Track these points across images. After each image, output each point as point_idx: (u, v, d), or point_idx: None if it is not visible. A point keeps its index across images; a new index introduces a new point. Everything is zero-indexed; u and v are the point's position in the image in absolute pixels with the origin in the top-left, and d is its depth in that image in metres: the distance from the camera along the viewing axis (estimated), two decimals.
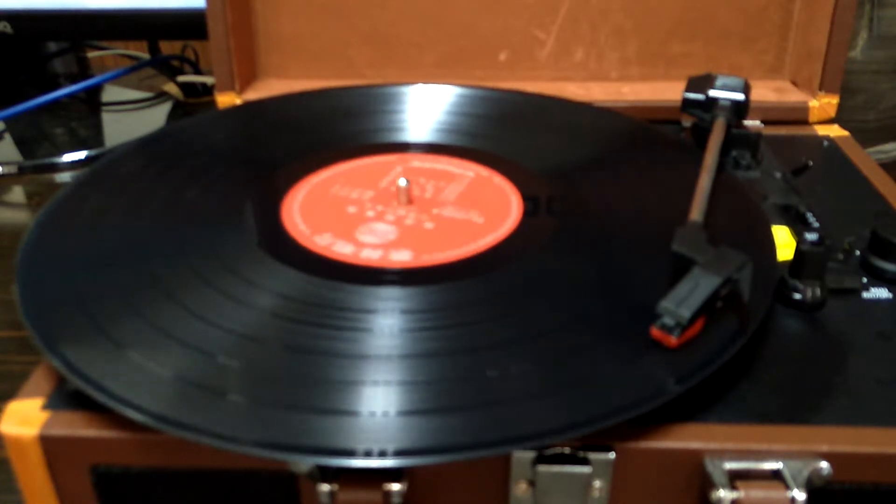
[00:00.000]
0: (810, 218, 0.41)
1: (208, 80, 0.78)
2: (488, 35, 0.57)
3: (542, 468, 0.27)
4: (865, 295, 0.35)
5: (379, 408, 0.27)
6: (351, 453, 0.25)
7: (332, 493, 0.26)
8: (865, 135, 0.67)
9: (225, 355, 0.29)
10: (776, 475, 0.27)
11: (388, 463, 0.25)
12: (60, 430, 0.28)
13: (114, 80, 0.77)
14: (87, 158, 0.67)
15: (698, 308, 0.29)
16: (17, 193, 0.64)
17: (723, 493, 0.26)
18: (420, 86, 0.51)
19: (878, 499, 0.28)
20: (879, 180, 0.45)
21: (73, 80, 0.78)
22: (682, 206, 0.36)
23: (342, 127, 0.47)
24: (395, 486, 0.26)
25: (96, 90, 0.81)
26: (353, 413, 0.27)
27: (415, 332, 0.30)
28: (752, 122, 0.50)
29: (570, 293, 0.33)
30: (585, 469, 0.27)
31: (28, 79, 0.81)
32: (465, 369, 0.28)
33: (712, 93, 0.45)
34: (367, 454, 0.25)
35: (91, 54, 0.86)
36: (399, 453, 0.25)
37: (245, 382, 0.28)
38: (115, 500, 0.29)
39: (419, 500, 0.28)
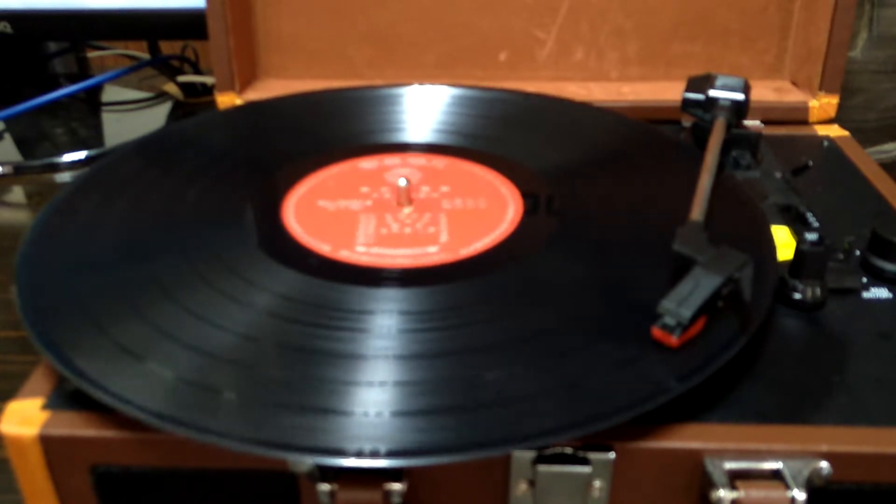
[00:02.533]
0: (810, 218, 0.41)
1: (208, 80, 0.78)
2: (488, 35, 0.57)
3: (542, 468, 0.27)
4: (865, 295, 0.35)
5: (373, 408, 0.27)
6: (343, 452, 0.25)
7: (331, 493, 0.26)
8: (865, 135, 0.67)
9: (224, 355, 0.29)
10: (776, 475, 0.27)
11: (382, 463, 0.25)
12: (60, 430, 0.28)
13: (114, 80, 0.77)
14: (87, 158, 0.67)
15: (699, 308, 0.29)
16: (17, 193, 0.64)
17: (723, 493, 0.26)
18: (420, 86, 0.51)
19: (878, 499, 0.28)
20: (879, 180, 0.45)
21: (73, 80, 0.77)
22: (682, 206, 0.36)
23: (342, 127, 0.47)
24: (395, 486, 0.26)
25: (96, 90, 0.81)
26: (348, 413, 0.26)
27: (414, 332, 0.30)
28: (752, 122, 0.50)
29: (570, 293, 0.33)
30: (585, 469, 0.27)
31: (28, 79, 0.81)
32: (465, 369, 0.28)
33: (712, 93, 0.45)
34: (359, 454, 0.25)
35: (91, 54, 0.86)
36: (393, 453, 0.25)
37: (243, 382, 0.28)
38: (115, 500, 0.29)
39: (419, 500, 0.28)
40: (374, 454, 0.25)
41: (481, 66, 0.58)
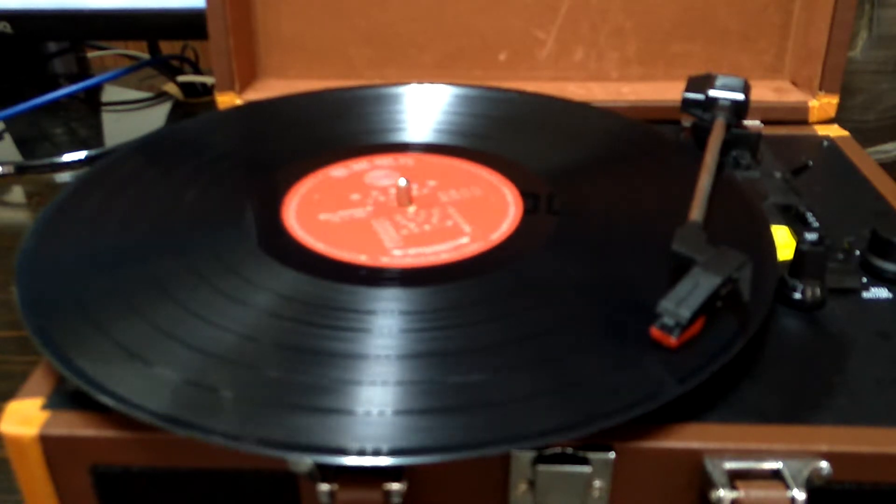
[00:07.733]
0: (810, 218, 0.41)
1: (208, 80, 0.78)
2: (488, 35, 0.57)
3: (542, 468, 0.27)
4: (865, 295, 0.35)
5: (375, 407, 0.27)
6: (345, 451, 0.25)
7: (331, 493, 0.26)
8: (865, 135, 0.67)
9: (224, 355, 0.29)
10: (776, 475, 0.27)
11: (383, 461, 0.25)
12: (60, 430, 0.28)
13: (114, 80, 0.77)
14: (87, 158, 0.67)
15: (698, 308, 0.29)
16: (17, 193, 0.64)
17: (723, 493, 0.26)
18: (419, 86, 0.51)
19: (878, 499, 0.28)
20: (879, 180, 0.45)
21: (73, 80, 0.77)
22: (681, 206, 0.36)
23: (341, 127, 0.47)
24: (395, 486, 0.26)
25: (96, 90, 0.81)
26: (349, 412, 0.27)
27: (414, 332, 0.30)
28: (752, 122, 0.50)
29: (570, 293, 0.33)
30: (585, 469, 0.27)
31: (28, 79, 0.81)
32: (465, 369, 0.28)
33: (712, 93, 0.45)
34: (362, 452, 0.25)
35: (91, 54, 0.86)
36: (394, 452, 0.25)
37: (244, 381, 0.28)
38: (115, 500, 0.29)
39: (419, 499, 0.28)
40: (377, 453, 0.25)
41: (481, 66, 0.58)
